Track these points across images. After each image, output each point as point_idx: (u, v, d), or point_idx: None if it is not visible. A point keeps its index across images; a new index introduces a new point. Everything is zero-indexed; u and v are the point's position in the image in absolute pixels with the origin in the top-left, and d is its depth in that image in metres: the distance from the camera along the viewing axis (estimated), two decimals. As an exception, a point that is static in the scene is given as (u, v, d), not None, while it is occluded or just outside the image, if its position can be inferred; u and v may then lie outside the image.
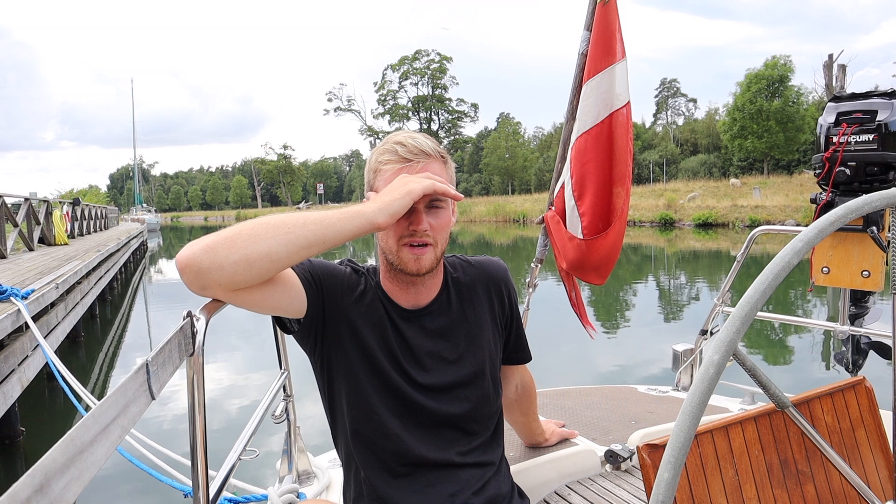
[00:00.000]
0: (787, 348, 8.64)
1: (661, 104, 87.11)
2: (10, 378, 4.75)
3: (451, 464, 1.38)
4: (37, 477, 0.62)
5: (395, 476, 1.36)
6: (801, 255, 0.72)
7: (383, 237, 1.34)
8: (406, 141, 1.31)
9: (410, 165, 1.30)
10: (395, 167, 1.30)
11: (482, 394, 1.43)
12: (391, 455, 1.36)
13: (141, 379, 0.94)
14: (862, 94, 2.47)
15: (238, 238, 1.11)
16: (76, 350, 8.86)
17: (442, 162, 1.34)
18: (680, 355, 3.02)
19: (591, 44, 2.53)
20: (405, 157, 1.30)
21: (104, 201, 51.17)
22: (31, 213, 12.74)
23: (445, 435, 1.39)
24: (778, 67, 43.41)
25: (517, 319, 1.57)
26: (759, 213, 28.81)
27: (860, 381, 1.35)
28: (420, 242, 1.30)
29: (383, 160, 1.32)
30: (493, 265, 1.53)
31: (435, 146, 1.34)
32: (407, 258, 1.31)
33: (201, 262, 1.09)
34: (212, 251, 1.09)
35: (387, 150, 1.32)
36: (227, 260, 1.09)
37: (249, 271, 1.11)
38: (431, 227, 1.30)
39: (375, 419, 1.35)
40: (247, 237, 1.11)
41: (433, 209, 1.31)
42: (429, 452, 1.36)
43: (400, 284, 1.39)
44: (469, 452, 1.41)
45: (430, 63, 72.71)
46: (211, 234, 1.11)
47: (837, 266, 2.49)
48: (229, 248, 1.10)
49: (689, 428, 0.66)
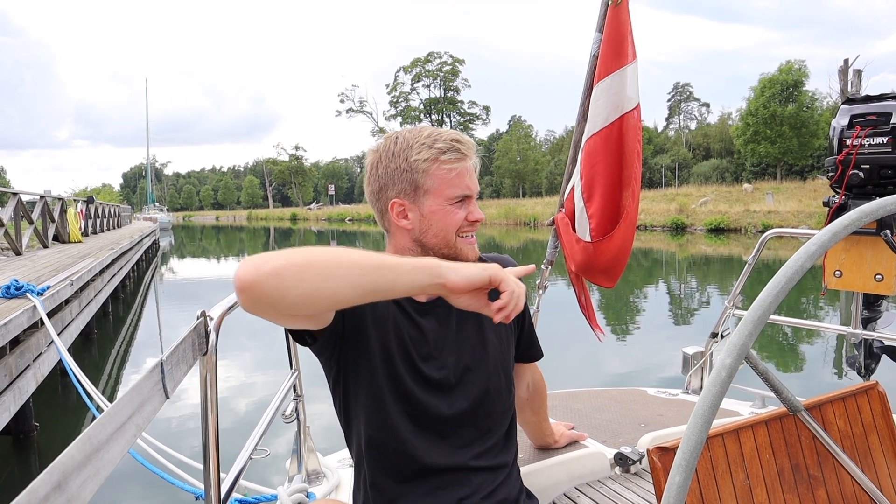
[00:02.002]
0: (798, 352, 8.57)
1: (673, 108, 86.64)
2: (25, 373, 4.81)
3: (465, 468, 1.38)
4: (55, 474, 0.63)
5: (406, 480, 1.36)
6: (814, 258, 0.72)
7: (439, 234, 1.35)
8: (461, 137, 1.35)
9: (466, 160, 1.35)
10: (457, 165, 1.33)
11: (495, 387, 1.43)
12: (403, 459, 1.36)
13: (156, 378, 0.95)
14: (876, 97, 2.45)
15: (309, 270, 1.03)
16: (89, 347, 8.94)
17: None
18: (690, 358, 3.00)
19: (603, 46, 2.53)
20: (465, 154, 1.34)
21: (117, 200, 51.59)
22: (46, 211, 12.86)
23: (460, 435, 1.39)
24: (792, 72, 43.11)
25: (528, 316, 1.58)
26: (772, 218, 28.60)
27: (873, 386, 1.34)
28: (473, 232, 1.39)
29: (445, 158, 1.31)
30: (503, 261, 1.53)
31: None
32: (467, 248, 1.37)
33: (265, 288, 1.01)
34: (279, 278, 1.01)
35: (448, 149, 1.32)
36: (293, 291, 1.02)
37: (310, 306, 1.06)
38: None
39: (389, 423, 1.34)
40: (318, 271, 1.03)
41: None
42: (441, 458, 1.36)
43: None
44: (483, 455, 1.41)
45: (443, 65, 72.82)
46: (277, 255, 1.03)
47: (850, 269, 2.47)
48: (298, 278, 1.02)
49: (701, 431, 0.66)
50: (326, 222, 66.30)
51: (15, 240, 10.41)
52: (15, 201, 10.62)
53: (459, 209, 1.35)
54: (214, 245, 39.90)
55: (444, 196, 1.33)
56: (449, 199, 1.33)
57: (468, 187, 1.34)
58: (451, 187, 1.33)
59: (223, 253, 32.65)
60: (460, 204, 1.35)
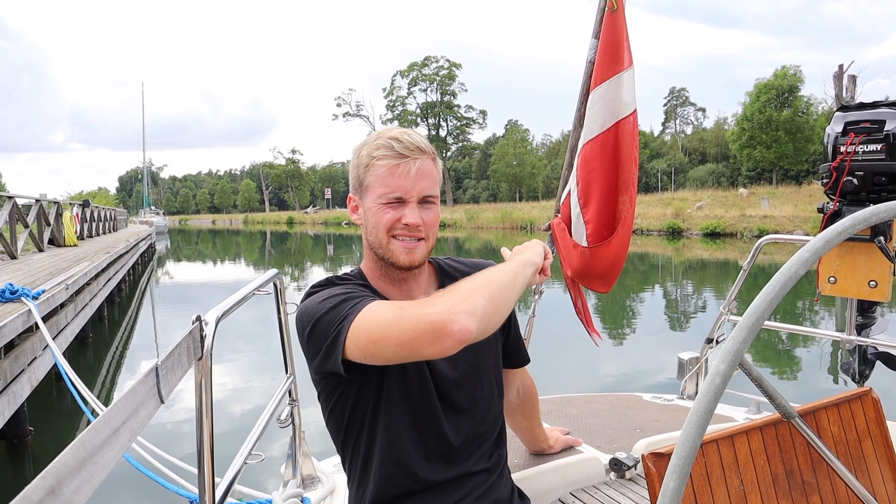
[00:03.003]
0: (793, 358, 8.58)
1: (669, 113, 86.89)
2: (20, 378, 4.78)
3: (459, 475, 1.38)
4: (49, 479, 0.62)
5: (407, 494, 1.36)
6: (808, 265, 0.72)
7: (372, 232, 1.35)
8: (402, 137, 1.31)
9: (406, 161, 1.29)
10: (390, 163, 1.29)
11: (488, 393, 1.44)
12: (405, 476, 1.35)
13: (150, 383, 0.95)
14: (870, 104, 2.46)
15: (493, 305, 1.15)
16: (84, 351, 8.90)
17: (433, 159, 1.35)
18: (685, 364, 3.01)
19: (599, 52, 2.53)
20: (401, 153, 1.29)
21: (113, 203, 51.37)
22: (42, 215, 12.82)
23: (457, 447, 1.38)
24: (788, 77, 43.25)
25: (514, 321, 1.58)
26: (768, 223, 28.66)
27: (867, 392, 1.35)
28: (415, 237, 1.32)
29: (378, 155, 1.31)
30: (485, 266, 1.53)
31: (427, 143, 1.35)
32: (398, 251, 1.32)
33: (482, 331, 1.14)
34: (486, 319, 1.14)
35: (382, 146, 1.31)
36: (494, 323, 1.17)
37: (494, 329, 1.19)
38: (424, 223, 1.32)
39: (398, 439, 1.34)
40: (500, 303, 1.18)
41: (426, 204, 1.33)
42: (439, 474, 1.36)
43: (391, 281, 1.40)
44: (477, 459, 1.41)
45: (440, 69, 72.87)
46: (476, 300, 1.14)
47: (844, 276, 2.48)
48: (494, 314, 1.16)
49: (695, 437, 0.66)
50: (323, 226, 66.21)
51: (10, 243, 10.37)
52: (10, 205, 10.58)
53: (391, 210, 1.31)
54: (210, 249, 39.81)
55: (377, 194, 1.32)
56: (380, 198, 1.31)
57: (399, 188, 1.29)
58: (382, 186, 1.31)
59: (219, 257, 32.58)
60: (394, 205, 1.31)
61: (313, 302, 1.29)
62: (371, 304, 1.20)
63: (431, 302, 1.15)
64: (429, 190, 1.32)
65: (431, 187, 1.33)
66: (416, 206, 1.31)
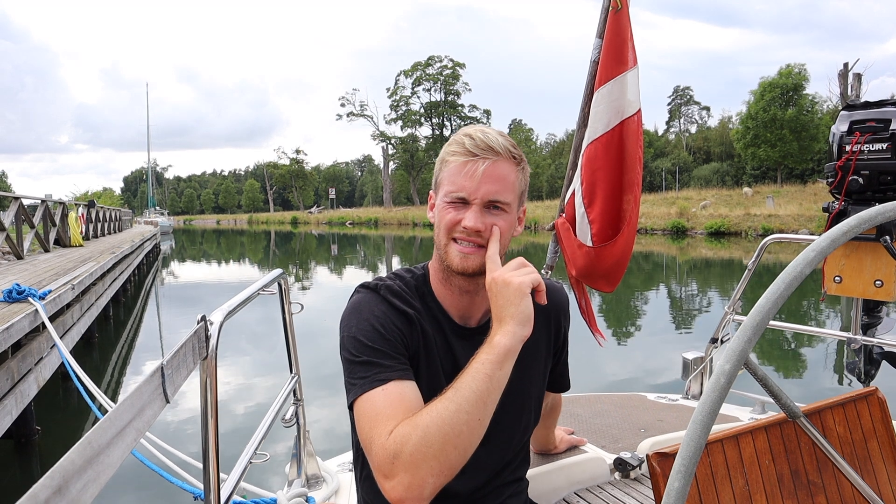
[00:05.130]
0: (798, 358, 8.56)
1: (673, 112, 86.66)
2: (27, 377, 4.81)
3: (480, 492, 1.37)
4: (55, 479, 0.63)
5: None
6: (813, 265, 0.72)
7: (436, 231, 1.28)
8: (475, 134, 1.24)
9: (474, 161, 1.22)
10: (459, 160, 1.23)
11: (525, 424, 1.41)
12: None
13: (156, 382, 0.96)
14: (875, 103, 2.46)
15: (447, 462, 1.06)
16: (90, 351, 8.93)
17: (513, 163, 1.26)
18: (690, 363, 3.00)
19: (603, 51, 2.53)
20: (471, 151, 1.22)
21: (118, 204, 51.58)
22: (48, 215, 12.87)
23: (485, 466, 1.36)
24: (792, 76, 43.12)
25: (566, 346, 1.53)
26: (772, 222, 28.59)
27: (873, 392, 1.34)
28: (474, 242, 1.24)
29: (450, 150, 1.26)
30: (557, 293, 1.47)
31: (507, 144, 1.25)
32: (453, 253, 1.25)
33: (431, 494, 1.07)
34: (438, 487, 1.07)
35: (456, 142, 1.26)
36: (451, 476, 1.08)
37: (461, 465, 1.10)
38: (486, 229, 1.23)
39: None
40: (455, 456, 1.07)
41: (493, 210, 1.24)
42: (463, 486, 1.34)
43: (451, 289, 1.32)
44: (499, 476, 1.40)
45: (443, 69, 72.83)
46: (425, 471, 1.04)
47: (850, 275, 2.48)
48: (450, 473, 1.07)
49: (700, 437, 0.66)
50: (327, 226, 66.27)
51: (16, 244, 10.42)
52: (16, 205, 10.63)
53: (454, 210, 1.24)
54: (215, 249, 39.91)
55: (444, 191, 1.27)
56: (446, 196, 1.26)
57: (463, 188, 1.22)
58: (449, 184, 1.25)
59: (223, 257, 32.65)
60: (457, 205, 1.24)
61: (352, 320, 1.26)
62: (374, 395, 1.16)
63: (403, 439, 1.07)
64: (496, 195, 1.22)
65: (500, 192, 1.23)
66: (480, 209, 1.22)
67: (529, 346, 1.37)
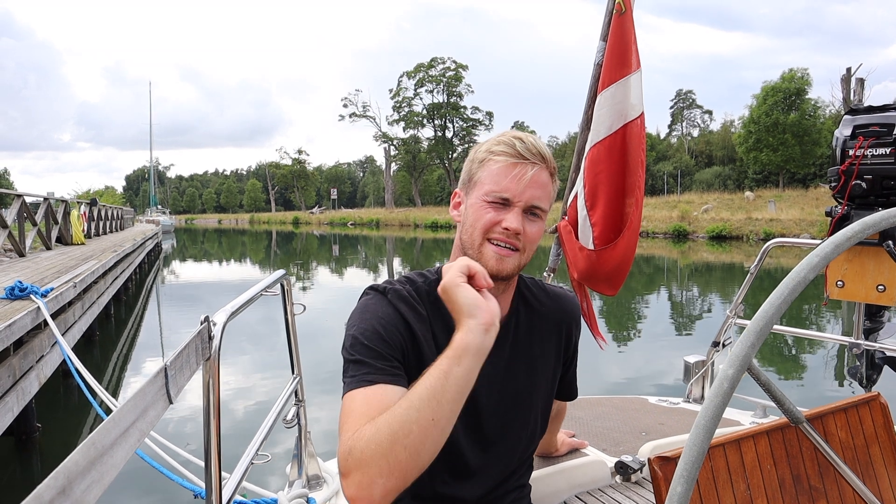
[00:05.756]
0: (800, 362, 8.55)
1: (676, 115, 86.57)
2: (28, 375, 4.81)
3: (485, 499, 1.37)
4: (60, 479, 0.63)
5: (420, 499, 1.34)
6: (817, 270, 0.72)
7: (468, 230, 1.26)
8: (526, 139, 1.25)
9: (523, 164, 1.22)
10: (507, 160, 1.23)
11: (531, 433, 1.40)
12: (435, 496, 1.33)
13: (159, 383, 0.96)
14: (879, 108, 2.46)
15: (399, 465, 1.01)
16: (91, 349, 8.94)
17: (551, 173, 1.27)
18: (692, 367, 3.00)
19: (607, 54, 2.53)
20: (521, 154, 1.23)
21: (120, 202, 51.61)
22: (50, 213, 12.89)
23: (490, 475, 1.36)
24: (795, 80, 43.09)
25: (576, 355, 1.53)
26: (774, 226, 28.55)
27: (875, 397, 1.34)
28: (512, 245, 1.23)
29: (497, 150, 1.25)
30: (569, 302, 1.47)
31: (550, 155, 1.27)
32: (489, 254, 1.23)
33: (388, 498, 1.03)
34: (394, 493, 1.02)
35: (503, 142, 1.25)
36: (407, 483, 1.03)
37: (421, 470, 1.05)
38: (524, 233, 1.23)
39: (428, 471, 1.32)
40: (407, 457, 1.01)
41: (531, 216, 1.25)
42: (469, 493, 1.34)
43: None
44: (504, 484, 1.39)
45: (446, 71, 72.83)
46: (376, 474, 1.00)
47: (852, 280, 2.47)
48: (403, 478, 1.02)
49: (703, 442, 0.66)
50: (329, 226, 66.30)
51: (18, 241, 10.43)
52: (19, 203, 10.64)
53: (493, 210, 1.23)
54: (216, 248, 39.94)
55: (484, 191, 1.24)
56: (486, 195, 1.24)
57: (508, 189, 1.22)
58: (492, 183, 1.23)
59: (225, 256, 32.67)
60: (497, 206, 1.23)
61: (355, 319, 1.25)
62: (357, 393, 1.13)
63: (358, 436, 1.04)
64: (538, 201, 1.24)
65: (542, 199, 1.24)
66: (521, 213, 1.23)
67: (539, 356, 1.37)
